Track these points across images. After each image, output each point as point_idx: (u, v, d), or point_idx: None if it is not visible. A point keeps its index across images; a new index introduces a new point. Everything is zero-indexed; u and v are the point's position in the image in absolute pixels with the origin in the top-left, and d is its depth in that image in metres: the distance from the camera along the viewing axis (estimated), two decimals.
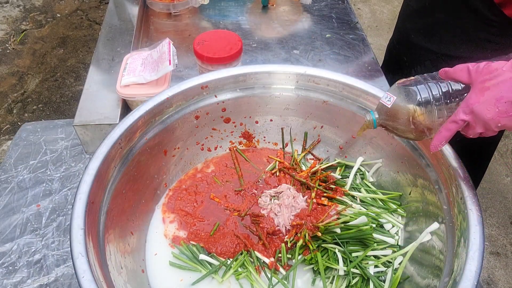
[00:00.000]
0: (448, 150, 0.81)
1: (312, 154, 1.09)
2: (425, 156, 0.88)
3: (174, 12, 1.51)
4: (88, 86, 1.15)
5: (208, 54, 1.11)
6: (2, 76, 2.90)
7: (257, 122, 1.07)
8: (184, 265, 0.86)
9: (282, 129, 1.09)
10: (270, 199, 0.96)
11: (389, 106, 0.72)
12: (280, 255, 0.87)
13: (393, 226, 0.92)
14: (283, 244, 0.88)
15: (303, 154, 1.07)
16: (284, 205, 0.93)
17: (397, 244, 0.90)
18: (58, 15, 3.46)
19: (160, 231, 0.92)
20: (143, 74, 1.06)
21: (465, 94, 0.69)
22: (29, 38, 3.21)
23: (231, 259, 0.87)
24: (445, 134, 0.69)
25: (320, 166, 1.03)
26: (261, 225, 0.91)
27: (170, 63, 1.03)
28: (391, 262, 0.86)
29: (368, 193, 0.98)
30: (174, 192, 0.99)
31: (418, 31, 1.19)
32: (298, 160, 1.05)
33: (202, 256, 0.86)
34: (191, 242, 0.90)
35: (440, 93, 0.70)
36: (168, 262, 0.87)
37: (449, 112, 0.70)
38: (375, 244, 0.87)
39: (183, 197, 0.97)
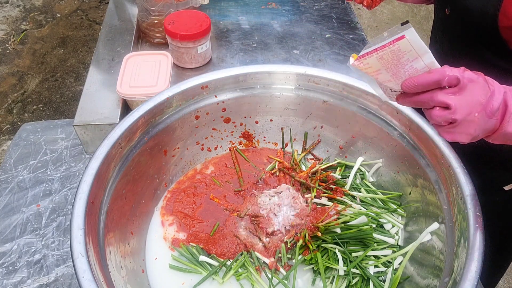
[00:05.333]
0: (448, 150, 0.81)
1: (312, 154, 1.09)
2: (425, 156, 0.88)
3: None
4: (88, 86, 1.15)
5: (181, 32, 1.19)
6: (2, 76, 2.90)
7: (257, 122, 1.07)
8: (184, 268, 0.86)
9: (282, 129, 1.09)
10: (270, 199, 0.96)
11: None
12: (280, 255, 0.87)
13: (393, 226, 0.92)
14: (283, 244, 0.88)
15: (303, 154, 1.07)
16: (283, 205, 0.93)
17: (397, 244, 0.90)
18: (58, 15, 3.46)
19: (160, 235, 0.92)
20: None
21: None
22: (29, 38, 3.21)
23: (231, 260, 0.87)
24: (426, 75, 0.60)
25: (320, 166, 1.03)
26: (260, 225, 0.91)
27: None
28: (391, 262, 0.86)
29: (368, 193, 0.98)
30: (172, 194, 0.99)
31: None
32: (298, 160, 1.05)
33: (202, 257, 0.86)
34: (190, 243, 0.90)
35: None
36: (168, 265, 0.86)
37: None
38: (375, 244, 0.87)
39: (182, 199, 0.97)
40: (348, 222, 0.89)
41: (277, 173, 1.03)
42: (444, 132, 0.63)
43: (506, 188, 1.01)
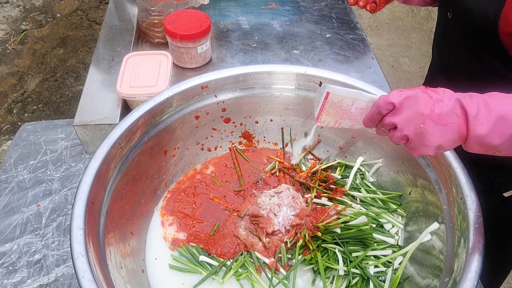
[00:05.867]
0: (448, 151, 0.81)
1: (312, 154, 1.09)
2: (425, 156, 0.88)
3: None
4: (88, 86, 1.15)
5: (181, 32, 1.19)
6: (2, 76, 2.90)
7: (257, 122, 1.07)
8: (184, 268, 0.86)
9: (282, 129, 1.09)
10: (270, 199, 0.96)
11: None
12: (280, 255, 0.87)
13: (393, 226, 0.92)
14: (283, 244, 0.88)
15: (303, 154, 1.07)
16: (283, 205, 0.93)
17: (397, 244, 0.90)
18: (58, 15, 3.46)
19: (160, 235, 0.92)
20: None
21: None
22: (29, 38, 3.21)
23: (231, 260, 0.87)
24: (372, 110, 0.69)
25: (320, 166, 1.03)
26: (260, 225, 0.91)
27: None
28: (391, 262, 0.86)
29: (368, 193, 0.98)
30: (172, 194, 0.99)
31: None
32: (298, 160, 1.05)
33: (202, 257, 0.86)
34: (190, 243, 0.89)
35: None
36: (168, 265, 0.86)
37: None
38: (375, 244, 0.87)
39: (182, 199, 0.97)
40: (348, 222, 0.89)
41: (277, 173, 1.03)
42: (409, 149, 0.68)
43: (506, 194, 1.01)
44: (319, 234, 0.87)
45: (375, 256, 0.87)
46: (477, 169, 0.88)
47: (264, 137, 1.10)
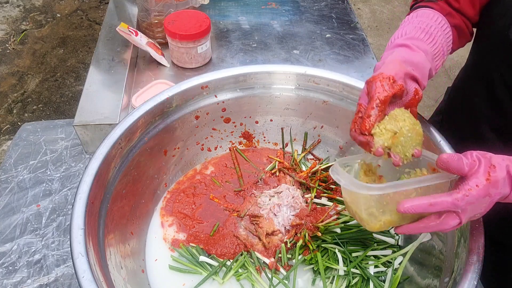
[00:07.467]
0: (449, 150, 0.81)
1: (312, 154, 1.09)
2: None
3: None
4: (88, 86, 1.15)
5: (181, 32, 1.19)
6: (2, 76, 2.90)
7: (257, 122, 1.07)
8: (184, 268, 0.86)
9: (282, 129, 1.09)
10: (270, 199, 0.96)
11: None
12: (280, 255, 0.87)
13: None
14: (283, 244, 0.88)
15: (303, 154, 1.07)
16: (283, 205, 0.93)
17: (397, 244, 0.90)
18: (58, 15, 3.46)
19: (159, 236, 0.92)
20: None
21: None
22: (29, 38, 3.22)
23: (231, 260, 0.87)
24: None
25: (320, 166, 1.03)
26: (260, 225, 0.91)
27: None
28: (391, 262, 0.86)
29: None
30: (172, 195, 0.99)
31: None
32: (298, 160, 1.05)
33: (202, 258, 0.86)
34: (190, 244, 0.89)
35: None
36: (168, 266, 0.86)
37: None
38: (375, 244, 0.87)
39: (181, 199, 0.97)
40: (348, 222, 0.89)
41: (277, 173, 1.03)
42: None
43: None
44: (319, 234, 0.87)
45: (375, 256, 0.87)
46: None
47: (264, 137, 1.10)
